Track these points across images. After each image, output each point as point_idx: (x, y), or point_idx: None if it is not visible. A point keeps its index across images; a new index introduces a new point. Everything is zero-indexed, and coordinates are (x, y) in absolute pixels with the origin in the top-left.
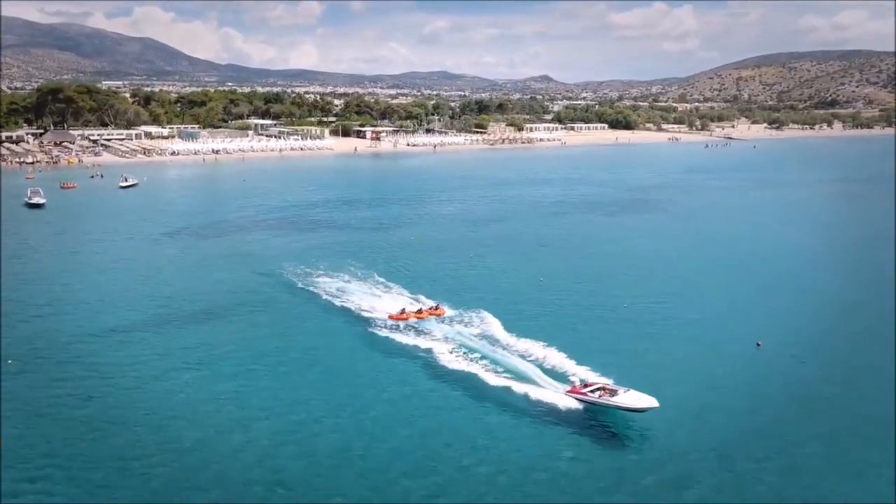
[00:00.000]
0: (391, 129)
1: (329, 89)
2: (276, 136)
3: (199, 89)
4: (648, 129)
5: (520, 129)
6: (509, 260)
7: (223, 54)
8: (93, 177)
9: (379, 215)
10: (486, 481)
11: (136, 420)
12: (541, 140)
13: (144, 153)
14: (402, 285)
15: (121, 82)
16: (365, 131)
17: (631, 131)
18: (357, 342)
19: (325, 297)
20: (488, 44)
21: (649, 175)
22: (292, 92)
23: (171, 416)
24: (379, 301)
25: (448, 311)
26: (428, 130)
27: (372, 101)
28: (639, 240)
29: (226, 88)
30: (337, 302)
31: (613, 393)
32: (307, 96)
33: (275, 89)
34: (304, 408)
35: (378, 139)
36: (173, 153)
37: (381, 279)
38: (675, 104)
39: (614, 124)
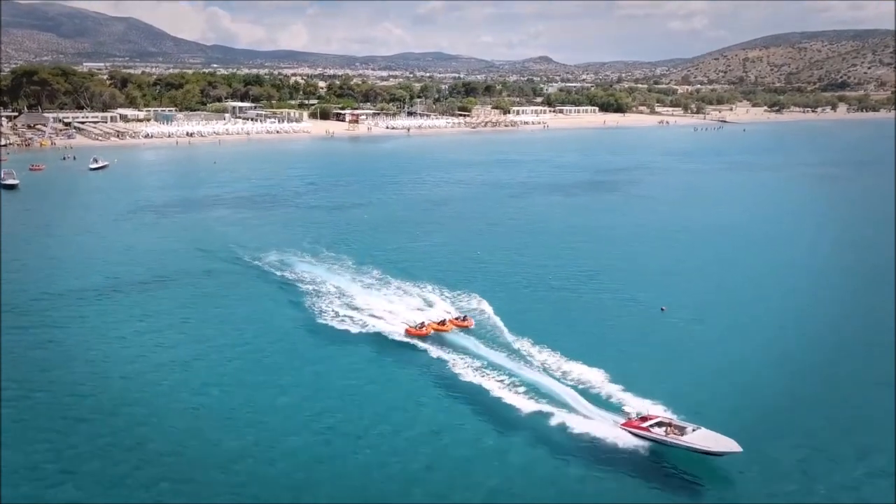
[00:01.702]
0: (372, 111)
1: (318, 71)
2: (252, 119)
3: (178, 71)
4: (641, 113)
5: (506, 112)
6: (451, 237)
7: (209, 35)
8: (64, 158)
9: (338, 196)
10: None
11: (76, 356)
12: (525, 123)
13: (118, 136)
14: (350, 259)
15: (102, 64)
16: (344, 114)
17: (621, 114)
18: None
19: (267, 268)
20: (485, 23)
21: (622, 158)
22: (279, 74)
23: (104, 352)
24: (336, 276)
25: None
26: (410, 113)
27: (357, 83)
28: (579, 218)
29: (209, 70)
30: (278, 273)
31: (682, 430)
32: (291, 78)
33: (261, 71)
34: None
35: (356, 122)
36: (147, 136)
37: (331, 253)
38: (676, 86)
39: (605, 107)
